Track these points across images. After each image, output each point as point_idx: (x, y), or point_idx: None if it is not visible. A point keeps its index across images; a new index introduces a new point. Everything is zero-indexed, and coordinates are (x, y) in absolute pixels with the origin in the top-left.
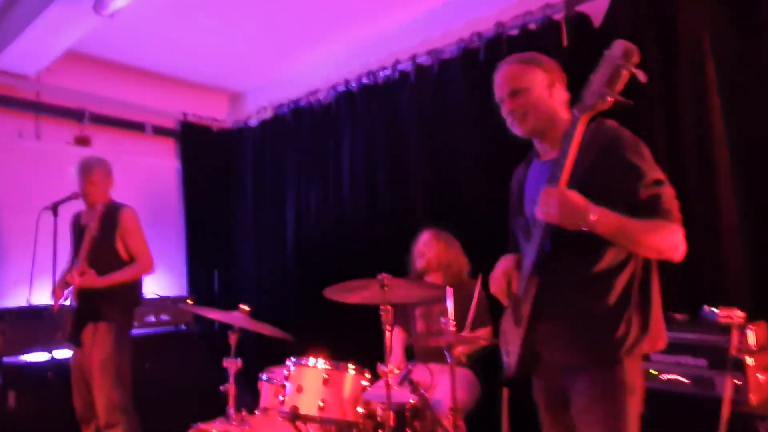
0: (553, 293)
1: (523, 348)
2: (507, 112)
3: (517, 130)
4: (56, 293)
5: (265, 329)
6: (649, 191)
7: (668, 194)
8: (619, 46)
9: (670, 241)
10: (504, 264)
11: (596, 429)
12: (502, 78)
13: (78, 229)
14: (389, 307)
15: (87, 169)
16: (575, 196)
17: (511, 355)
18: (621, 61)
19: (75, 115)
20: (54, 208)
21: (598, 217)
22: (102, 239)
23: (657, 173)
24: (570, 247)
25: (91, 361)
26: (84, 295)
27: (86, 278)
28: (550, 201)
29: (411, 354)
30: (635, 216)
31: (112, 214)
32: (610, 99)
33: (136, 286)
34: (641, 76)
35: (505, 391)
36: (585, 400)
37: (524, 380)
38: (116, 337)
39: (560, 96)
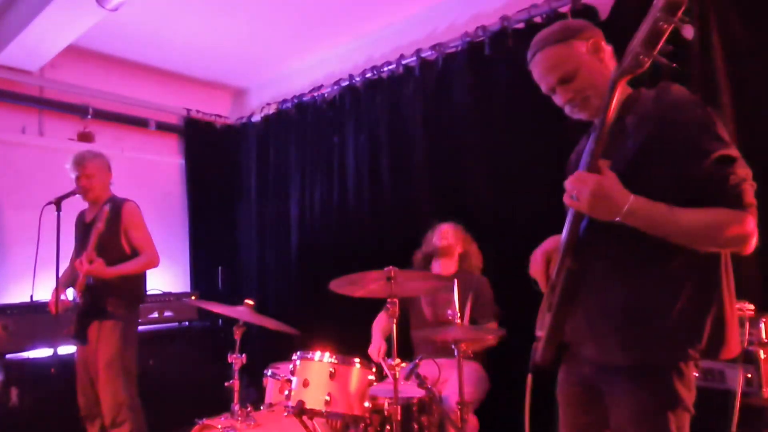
0: (587, 279)
1: (550, 337)
2: (564, 102)
3: (580, 116)
4: (55, 294)
5: (270, 323)
6: (711, 171)
7: (738, 175)
8: None
9: (732, 232)
10: (547, 244)
11: None
12: (544, 67)
13: (82, 226)
14: (396, 300)
15: (80, 163)
16: (611, 184)
17: (539, 342)
18: (661, 15)
19: (78, 110)
20: (57, 204)
21: (633, 209)
22: (106, 235)
23: (726, 150)
24: (609, 228)
25: (96, 359)
26: (89, 292)
27: (95, 266)
28: (581, 187)
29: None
30: (694, 202)
31: (115, 209)
32: (645, 60)
33: (140, 281)
34: (686, 32)
35: (528, 377)
36: (624, 419)
37: (549, 370)
38: (122, 334)
39: (608, 55)
